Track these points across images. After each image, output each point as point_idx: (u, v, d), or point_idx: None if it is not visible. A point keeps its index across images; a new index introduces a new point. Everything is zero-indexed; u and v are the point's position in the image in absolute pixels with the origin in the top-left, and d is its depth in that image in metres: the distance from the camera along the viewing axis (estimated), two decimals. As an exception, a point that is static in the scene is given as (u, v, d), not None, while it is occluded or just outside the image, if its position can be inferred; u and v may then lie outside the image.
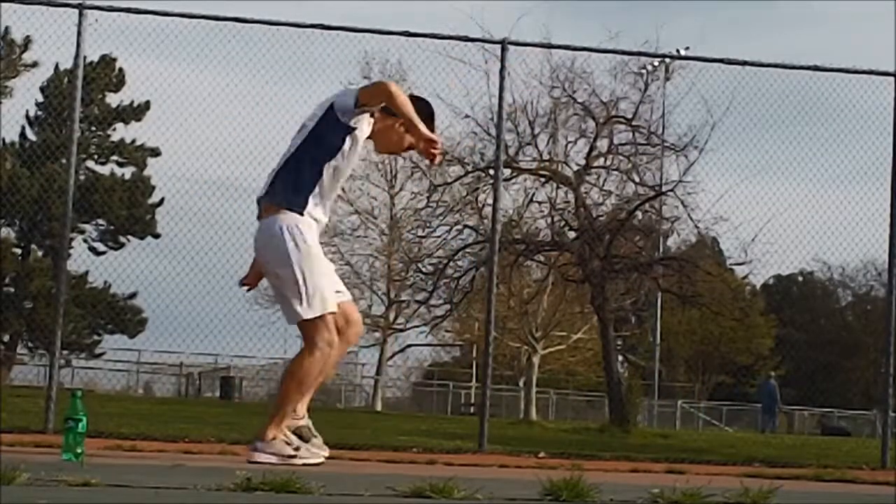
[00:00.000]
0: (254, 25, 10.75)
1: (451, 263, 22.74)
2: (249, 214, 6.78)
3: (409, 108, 6.23)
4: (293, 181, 6.22)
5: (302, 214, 6.18)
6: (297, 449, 6.23)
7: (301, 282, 6.12)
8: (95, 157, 38.82)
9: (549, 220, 23.24)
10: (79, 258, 36.00)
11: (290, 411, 6.27)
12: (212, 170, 11.22)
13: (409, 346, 35.90)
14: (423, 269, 24.31)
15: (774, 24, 67.73)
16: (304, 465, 6.09)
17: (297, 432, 6.33)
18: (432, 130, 6.40)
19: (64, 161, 12.49)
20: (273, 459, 6.07)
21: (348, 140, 6.28)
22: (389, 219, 31.11)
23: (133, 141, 38.62)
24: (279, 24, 10.72)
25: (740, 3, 67.98)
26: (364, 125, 6.37)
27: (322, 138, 6.26)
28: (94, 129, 38.34)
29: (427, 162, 6.36)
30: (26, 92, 38.92)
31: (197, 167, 11.38)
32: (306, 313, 6.13)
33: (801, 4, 70.16)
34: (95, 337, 39.18)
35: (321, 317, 6.16)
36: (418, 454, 9.18)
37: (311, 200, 6.22)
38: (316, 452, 6.34)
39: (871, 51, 57.73)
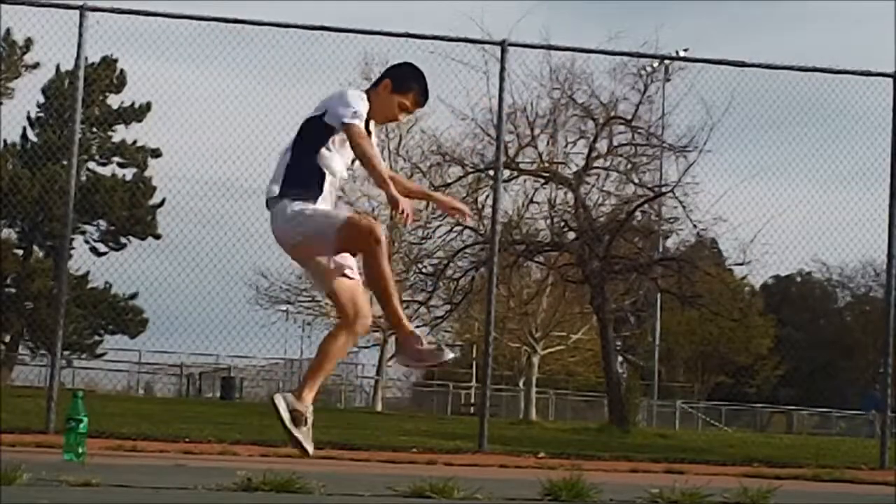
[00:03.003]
0: (254, 27, 10.78)
1: (451, 264, 22.74)
2: (250, 215, 6.82)
3: (378, 170, 6.35)
4: (299, 176, 6.34)
5: (316, 202, 6.32)
6: (308, 429, 6.38)
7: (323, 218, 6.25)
8: (97, 157, 38.81)
9: (549, 220, 23.25)
10: (80, 259, 35.89)
11: (319, 381, 6.51)
12: (213, 171, 11.25)
13: (410, 346, 35.89)
14: (424, 270, 24.30)
15: (774, 25, 67.71)
16: (296, 444, 6.31)
17: (294, 416, 6.40)
18: (422, 104, 6.72)
19: (65, 162, 12.51)
20: (284, 417, 6.28)
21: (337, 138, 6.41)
22: (389, 220, 31.11)
23: (134, 142, 38.63)
24: (279, 25, 10.75)
25: (739, 3, 68.03)
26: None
27: (310, 133, 6.41)
28: (95, 130, 38.33)
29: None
30: (27, 93, 38.88)
31: (198, 168, 11.41)
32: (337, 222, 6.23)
33: (801, 5, 70.18)
34: (96, 337, 39.17)
35: (350, 218, 6.34)
36: (418, 454, 9.20)
37: (324, 185, 6.36)
38: (308, 442, 6.45)
39: (871, 52, 57.72)
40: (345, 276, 6.45)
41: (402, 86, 6.64)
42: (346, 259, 6.46)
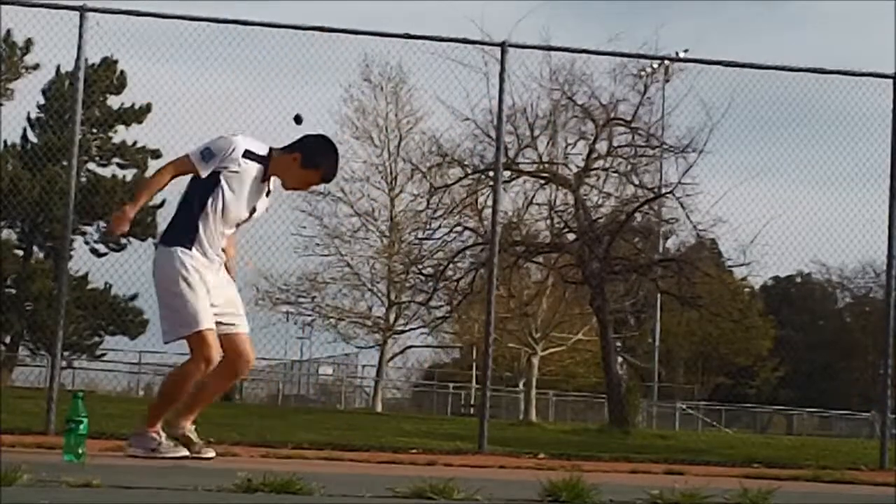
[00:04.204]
0: (254, 28, 10.78)
1: (451, 265, 22.75)
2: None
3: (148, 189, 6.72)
4: (181, 222, 6.65)
5: (190, 249, 6.56)
6: (158, 444, 6.66)
7: (179, 303, 6.53)
8: (97, 158, 38.81)
9: (549, 221, 23.27)
10: (80, 260, 35.87)
11: (161, 415, 6.78)
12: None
13: (410, 347, 35.95)
14: (424, 271, 24.30)
15: (774, 26, 67.76)
16: (171, 457, 6.56)
17: (184, 440, 6.78)
18: (329, 180, 7.02)
19: (65, 163, 12.50)
20: (140, 452, 6.60)
21: (222, 181, 6.58)
22: (389, 221, 31.12)
23: (134, 143, 38.63)
24: (279, 26, 10.75)
25: (739, 4, 68.05)
26: (236, 166, 6.60)
27: (196, 187, 6.66)
28: (95, 131, 38.32)
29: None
30: (28, 94, 38.87)
31: (198, 170, 11.37)
32: (190, 328, 6.53)
33: (801, 5, 70.23)
34: (96, 338, 39.14)
35: (199, 332, 6.53)
36: (418, 455, 9.19)
37: (198, 237, 6.58)
38: (177, 449, 6.73)
39: (871, 52, 57.75)
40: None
41: (311, 162, 6.78)
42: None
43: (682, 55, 26.01)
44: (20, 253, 38.54)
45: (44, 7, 10.39)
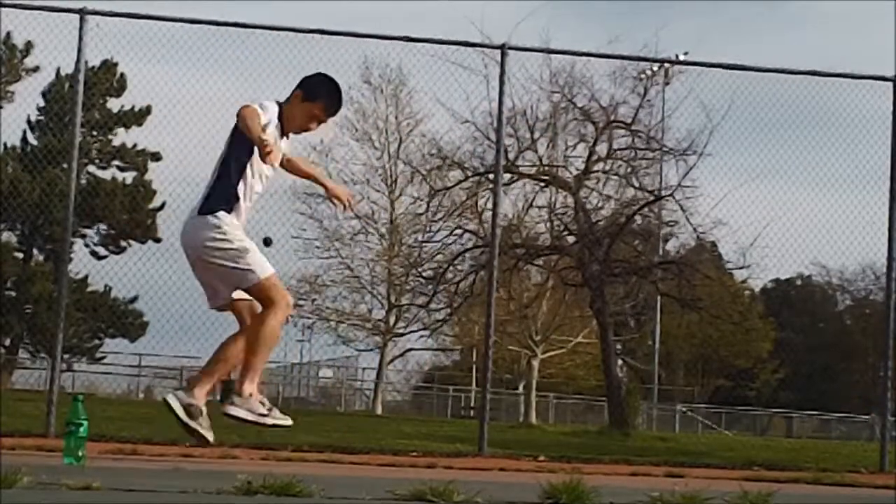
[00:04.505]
0: (254, 30, 10.80)
1: (451, 268, 22.75)
2: (249, 218, 6.87)
3: (254, 130, 6.42)
4: (217, 193, 6.62)
5: (230, 213, 6.58)
6: (269, 409, 6.63)
7: (241, 256, 6.52)
8: (97, 161, 38.80)
9: (549, 224, 23.28)
10: (80, 262, 35.90)
11: (260, 368, 6.68)
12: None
13: (410, 349, 35.94)
14: (423, 274, 24.31)
15: (774, 26, 67.79)
16: (274, 425, 6.59)
17: (188, 410, 6.61)
18: (333, 112, 6.91)
19: (65, 165, 12.51)
20: (248, 416, 6.54)
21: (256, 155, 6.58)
22: (389, 223, 31.12)
23: (134, 145, 38.61)
24: (279, 28, 10.77)
25: (739, 6, 68.09)
26: (272, 128, 6.63)
27: (235, 154, 6.62)
28: (95, 133, 38.31)
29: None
30: (28, 96, 38.92)
31: (198, 171, 11.36)
32: (262, 273, 6.52)
33: (801, 5, 70.25)
34: (96, 341, 39.13)
35: (270, 276, 6.57)
36: (418, 457, 9.20)
37: (237, 206, 6.61)
38: (284, 417, 6.70)
39: (871, 53, 57.77)
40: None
41: (312, 94, 6.82)
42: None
43: (682, 57, 25.99)
44: (20, 255, 38.53)
45: (44, 10, 10.40)
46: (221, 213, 6.55)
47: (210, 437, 6.65)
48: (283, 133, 6.81)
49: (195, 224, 6.60)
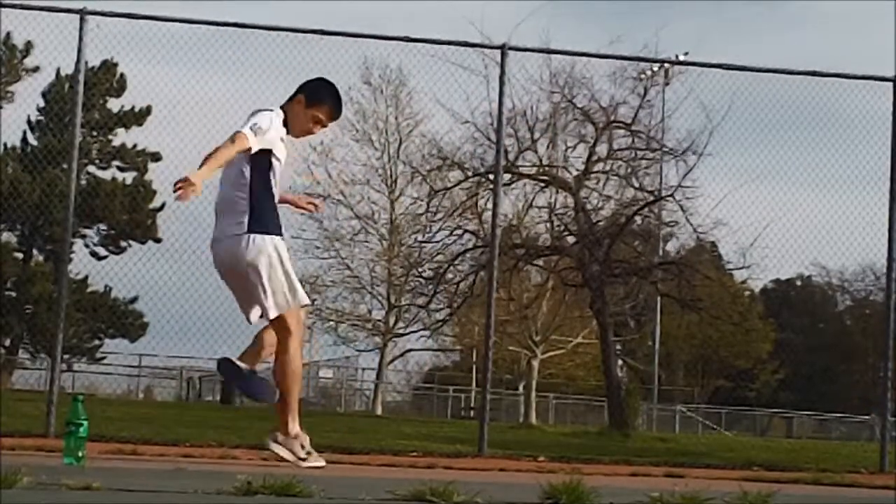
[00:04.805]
0: (254, 31, 10.80)
1: (451, 268, 22.75)
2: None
3: (211, 155, 6.54)
4: (266, 209, 6.68)
5: (282, 237, 6.71)
6: (308, 454, 6.69)
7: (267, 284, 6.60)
8: (97, 161, 38.83)
9: (549, 224, 23.27)
10: (80, 262, 35.94)
11: (296, 403, 6.71)
12: (212, 174, 11.21)
13: (410, 350, 35.93)
14: (423, 274, 24.30)
15: (774, 27, 67.80)
16: (309, 467, 6.52)
17: (294, 453, 6.70)
18: (336, 116, 7.02)
19: (65, 166, 12.51)
20: (288, 456, 6.61)
21: (273, 160, 6.68)
22: (389, 223, 31.12)
23: (134, 146, 38.64)
24: (280, 29, 10.77)
25: (739, 6, 68.09)
26: (277, 143, 6.71)
27: (254, 171, 6.66)
28: (95, 133, 38.34)
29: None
30: (28, 97, 38.99)
31: (198, 172, 11.37)
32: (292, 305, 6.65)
33: (801, 5, 70.26)
34: (96, 341, 39.16)
35: (297, 308, 6.69)
36: (418, 458, 9.20)
37: (279, 223, 6.73)
38: (318, 458, 6.74)
39: (871, 53, 57.76)
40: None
41: (315, 99, 6.86)
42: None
43: (681, 58, 25.98)
44: (20, 256, 38.55)
45: (44, 10, 10.40)
46: (278, 238, 6.67)
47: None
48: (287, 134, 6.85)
49: (255, 240, 6.63)
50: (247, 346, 6.84)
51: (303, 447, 6.70)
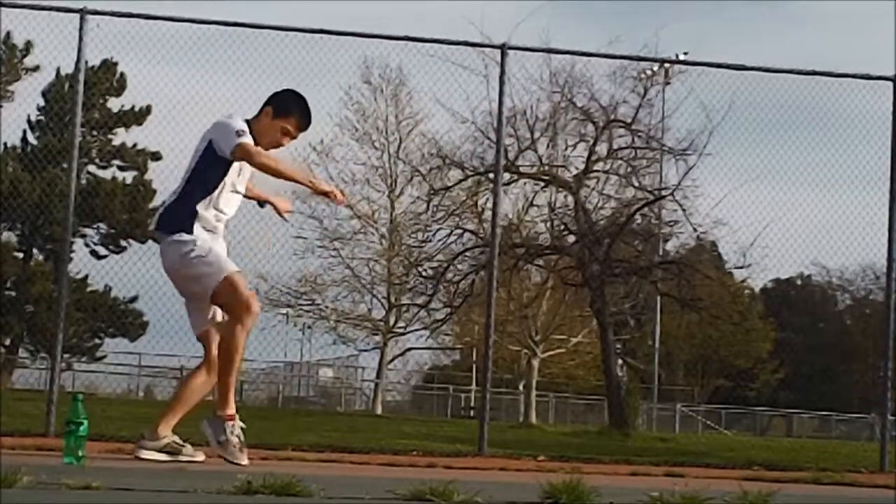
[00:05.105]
0: (254, 30, 10.79)
1: (451, 267, 22.74)
2: (249, 218, 6.88)
3: (289, 174, 6.66)
4: (179, 212, 6.68)
5: (192, 233, 6.60)
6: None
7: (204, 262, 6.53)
8: (97, 161, 38.83)
9: (549, 224, 23.29)
10: (80, 262, 35.85)
11: (231, 387, 6.70)
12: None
13: (410, 349, 35.93)
14: (424, 273, 24.29)
15: (774, 26, 67.81)
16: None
17: (167, 449, 6.70)
18: (304, 127, 6.86)
19: (65, 165, 12.51)
20: (212, 437, 6.64)
21: (231, 169, 6.64)
22: (389, 223, 31.12)
23: (134, 145, 38.64)
24: (280, 28, 10.76)
25: (739, 6, 68.08)
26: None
27: (203, 173, 6.64)
28: (95, 133, 38.33)
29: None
30: (28, 96, 38.92)
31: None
32: (219, 276, 6.50)
33: (801, 5, 70.26)
34: (96, 340, 39.16)
35: (230, 277, 6.50)
36: (418, 457, 9.20)
37: (199, 217, 6.64)
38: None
39: (871, 52, 57.77)
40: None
41: (283, 111, 6.80)
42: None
43: (682, 57, 26.00)
44: (20, 255, 38.54)
45: (44, 10, 10.39)
46: (184, 234, 6.60)
47: (200, 456, 6.76)
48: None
49: (163, 245, 6.71)
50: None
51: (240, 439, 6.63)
